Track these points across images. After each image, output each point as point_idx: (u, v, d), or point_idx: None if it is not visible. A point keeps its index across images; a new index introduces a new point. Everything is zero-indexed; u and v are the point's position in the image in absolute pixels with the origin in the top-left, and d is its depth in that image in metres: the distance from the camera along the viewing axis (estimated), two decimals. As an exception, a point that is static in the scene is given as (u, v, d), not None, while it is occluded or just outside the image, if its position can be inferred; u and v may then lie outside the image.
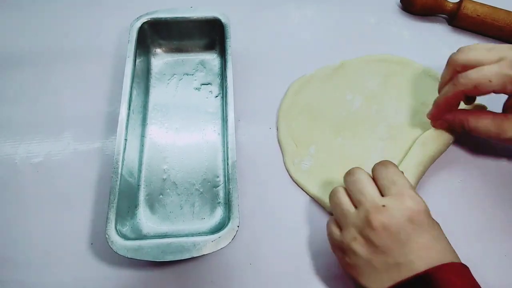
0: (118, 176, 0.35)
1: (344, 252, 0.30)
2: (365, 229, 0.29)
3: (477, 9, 0.50)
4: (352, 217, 0.30)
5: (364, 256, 0.29)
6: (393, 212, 0.29)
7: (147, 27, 0.45)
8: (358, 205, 0.31)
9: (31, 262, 0.36)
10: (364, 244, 0.29)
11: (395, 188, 0.30)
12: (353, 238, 0.30)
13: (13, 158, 0.42)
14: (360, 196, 0.31)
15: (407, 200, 0.29)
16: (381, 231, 0.28)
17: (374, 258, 0.29)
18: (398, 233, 0.28)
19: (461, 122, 0.37)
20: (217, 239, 0.33)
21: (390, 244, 0.28)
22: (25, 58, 0.49)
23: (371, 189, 0.31)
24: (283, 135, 0.43)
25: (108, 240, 0.32)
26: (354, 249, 0.29)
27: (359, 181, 0.32)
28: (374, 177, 0.32)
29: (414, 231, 0.28)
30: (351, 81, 0.47)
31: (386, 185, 0.31)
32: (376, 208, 0.29)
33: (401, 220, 0.28)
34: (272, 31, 0.52)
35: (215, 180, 0.40)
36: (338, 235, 0.31)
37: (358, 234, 0.29)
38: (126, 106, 0.39)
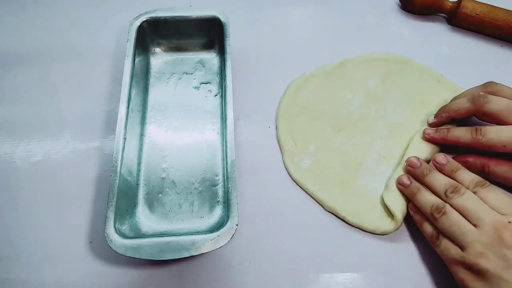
0: (117, 175, 0.35)
1: (469, 268, 0.31)
2: (495, 244, 0.30)
3: (476, 8, 0.50)
4: (474, 234, 0.31)
5: (493, 271, 0.29)
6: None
7: (146, 26, 0.45)
8: (479, 222, 0.32)
9: (30, 260, 0.37)
10: (494, 260, 0.30)
11: (510, 208, 0.32)
12: (480, 254, 0.30)
13: (12, 157, 0.42)
14: (480, 213, 0.32)
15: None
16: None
17: (506, 272, 0.29)
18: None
19: (482, 164, 0.38)
20: (216, 237, 0.33)
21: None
22: (24, 57, 0.49)
23: (488, 207, 0.32)
24: (282, 134, 0.43)
25: (107, 238, 0.32)
26: (483, 265, 0.30)
27: (473, 200, 0.33)
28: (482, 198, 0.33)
29: None
30: (350, 80, 0.47)
31: (500, 205, 0.32)
32: (503, 224, 0.31)
33: None
34: (271, 30, 0.52)
35: (214, 179, 0.40)
36: (457, 251, 0.32)
37: (486, 249, 0.30)
38: (125, 105, 0.39)
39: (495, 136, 0.35)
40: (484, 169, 0.38)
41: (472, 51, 0.51)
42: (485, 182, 0.34)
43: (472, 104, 0.38)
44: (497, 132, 0.35)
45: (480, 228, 0.31)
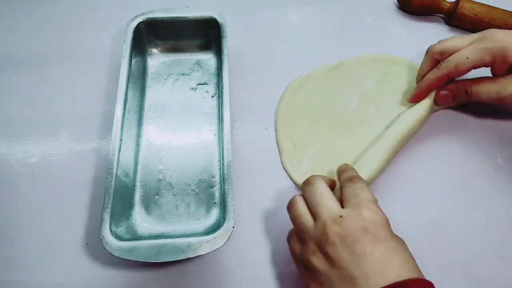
0: (113, 176, 0.35)
1: (305, 267, 0.30)
2: (322, 241, 0.28)
3: (474, 8, 0.50)
4: (311, 231, 0.30)
5: (323, 271, 0.28)
6: (349, 222, 0.28)
7: (143, 27, 0.45)
8: (316, 217, 0.30)
9: (25, 262, 0.36)
10: (323, 258, 0.28)
11: (355, 200, 0.30)
12: (312, 252, 0.29)
13: (8, 158, 0.42)
14: (318, 208, 0.30)
15: (364, 211, 0.29)
16: (337, 243, 0.28)
17: (331, 272, 0.28)
18: (353, 244, 0.27)
19: (464, 87, 0.40)
20: (212, 239, 0.32)
21: (346, 257, 0.27)
22: (20, 58, 0.49)
23: (329, 200, 0.30)
24: (281, 136, 0.43)
25: (103, 241, 0.32)
26: (314, 264, 0.28)
27: (319, 191, 0.31)
28: (341, 188, 0.32)
29: (369, 242, 0.27)
30: (348, 81, 0.47)
31: (348, 198, 0.30)
32: (332, 219, 0.29)
33: (356, 230, 0.28)
34: (268, 31, 0.52)
35: (211, 180, 0.40)
36: (299, 249, 0.31)
37: (317, 247, 0.29)
38: (121, 106, 0.39)
39: (456, 55, 0.38)
40: (467, 91, 0.40)
41: (470, 51, 0.50)
42: (358, 178, 0.32)
43: (427, 54, 0.41)
44: (457, 53, 0.38)
45: (316, 223, 0.30)
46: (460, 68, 0.38)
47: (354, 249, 0.27)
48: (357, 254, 0.27)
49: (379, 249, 0.27)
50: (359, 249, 0.27)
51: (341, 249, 0.27)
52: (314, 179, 0.32)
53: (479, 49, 0.37)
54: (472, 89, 0.39)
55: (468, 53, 0.37)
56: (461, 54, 0.38)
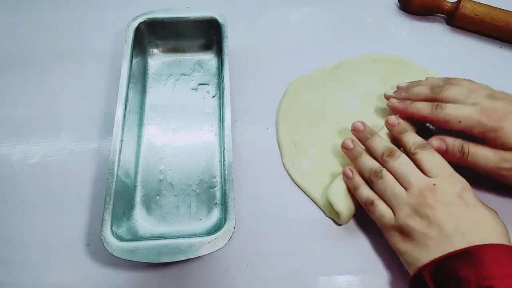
0: (114, 177, 0.35)
1: (400, 230, 0.33)
2: (420, 205, 0.32)
3: (475, 8, 0.50)
4: (404, 197, 0.33)
5: (420, 230, 0.31)
6: (443, 189, 0.32)
7: (143, 27, 0.45)
8: (408, 185, 0.33)
9: (26, 263, 0.36)
10: (420, 220, 0.31)
11: (441, 171, 0.33)
12: (408, 215, 0.32)
13: (9, 158, 0.42)
14: (409, 178, 0.33)
15: (454, 181, 0.33)
16: (435, 206, 0.31)
17: (429, 231, 0.31)
18: (450, 206, 0.31)
19: (461, 145, 0.36)
20: (213, 240, 0.32)
21: (443, 217, 0.31)
22: (21, 58, 0.49)
23: (418, 172, 0.34)
24: (282, 136, 0.43)
25: (104, 241, 0.32)
26: (411, 225, 0.32)
27: (406, 164, 0.34)
28: (416, 160, 0.34)
29: (464, 206, 0.31)
30: (349, 81, 0.47)
31: (431, 167, 0.33)
32: (428, 187, 0.32)
33: (451, 196, 0.32)
34: (269, 31, 0.52)
35: (212, 181, 0.40)
36: (390, 215, 0.33)
37: (413, 211, 0.32)
38: (122, 107, 0.39)
39: (453, 111, 0.36)
40: (464, 149, 0.36)
41: (471, 51, 0.50)
42: (427, 145, 0.35)
43: (430, 91, 0.39)
44: (456, 108, 0.36)
45: (409, 191, 0.33)
46: (448, 125, 0.36)
47: (451, 211, 0.31)
48: (454, 215, 0.31)
49: (473, 212, 0.31)
50: (456, 211, 0.31)
51: (439, 211, 0.31)
52: (396, 152, 0.35)
53: (474, 120, 0.35)
54: (470, 149, 0.36)
55: (462, 117, 0.35)
56: (457, 114, 0.36)
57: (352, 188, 0.37)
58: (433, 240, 0.31)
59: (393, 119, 0.38)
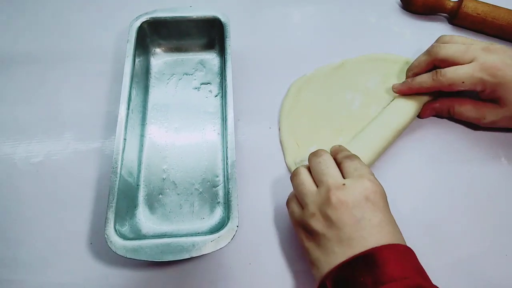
0: (117, 176, 0.35)
1: (304, 229, 0.32)
2: (324, 205, 0.30)
3: (477, 7, 0.50)
4: (313, 195, 0.32)
5: (320, 231, 0.30)
6: (351, 190, 0.30)
7: (146, 27, 0.45)
8: (320, 184, 0.32)
9: (30, 261, 0.36)
10: (322, 220, 0.30)
11: (357, 172, 0.32)
12: (312, 214, 0.31)
13: (12, 158, 0.42)
14: (323, 176, 0.32)
15: (366, 181, 0.31)
16: (339, 207, 0.30)
17: (329, 232, 0.30)
18: (353, 208, 0.30)
19: (447, 107, 0.42)
20: (216, 239, 0.32)
21: (345, 219, 0.29)
22: (25, 58, 0.49)
23: (334, 170, 0.33)
24: (285, 135, 0.43)
25: (107, 240, 0.32)
26: (313, 225, 0.31)
27: (324, 162, 0.33)
28: (338, 164, 0.34)
29: (369, 209, 0.30)
30: (351, 80, 0.47)
31: (349, 170, 0.32)
32: (336, 186, 0.31)
33: (358, 197, 0.30)
34: (271, 30, 0.52)
35: (214, 179, 0.40)
36: (299, 212, 0.33)
37: (317, 210, 0.31)
38: (125, 106, 0.39)
39: (454, 74, 0.38)
40: (450, 110, 0.42)
41: (474, 51, 0.50)
42: (355, 156, 0.34)
43: (428, 55, 0.42)
44: (455, 71, 0.38)
45: (318, 189, 0.32)
46: (453, 88, 0.39)
47: (354, 213, 0.29)
48: (356, 218, 0.29)
49: (377, 216, 0.30)
50: (359, 214, 0.29)
51: (341, 213, 0.30)
52: (321, 152, 0.35)
53: (476, 78, 0.38)
54: (455, 110, 0.42)
55: (464, 77, 0.38)
56: (458, 76, 0.38)
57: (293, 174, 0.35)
58: (333, 242, 0.29)
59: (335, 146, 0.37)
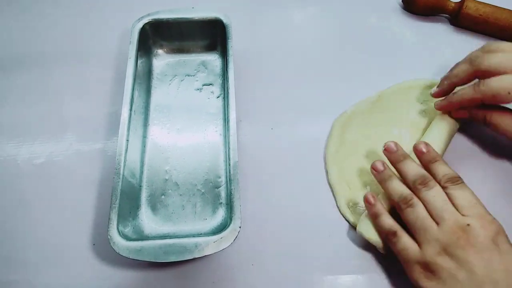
0: (120, 177, 0.35)
1: (425, 267, 0.31)
2: (451, 245, 0.30)
3: (479, 8, 0.50)
4: (435, 232, 0.31)
5: (449, 270, 0.30)
6: (478, 231, 0.30)
7: (148, 28, 0.45)
8: (441, 221, 0.31)
9: (33, 262, 0.37)
10: (449, 260, 0.30)
11: (475, 210, 0.31)
12: (438, 252, 0.30)
13: (15, 159, 0.42)
14: (443, 213, 0.31)
15: (489, 222, 0.31)
16: (468, 249, 0.29)
17: (459, 273, 0.29)
18: (483, 252, 0.29)
19: (483, 115, 0.37)
20: (219, 239, 0.33)
21: (476, 262, 0.29)
22: (27, 59, 0.49)
23: (452, 207, 0.32)
24: (334, 179, 0.41)
25: (110, 241, 0.32)
26: (439, 263, 0.30)
27: (439, 196, 0.32)
28: (448, 195, 0.33)
29: (497, 253, 0.29)
30: (392, 114, 0.45)
31: (464, 205, 0.31)
32: (461, 226, 0.30)
33: (486, 240, 0.30)
34: (273, 32, 0.52)
35: (217, 180, 0.40)
36: (417, 250, 0.32)
37: (442, 249, 0.30)
38: (128, 107, 0.39)
39: (497, 84, 0.34)
40: (486, 119, 0.37)
41: (475, 51, 0.50)
42: (459, 179, 0.33)
43: (470, 65, 0.37)
44: (499, 80, 0.34)
45: (440, 226, 0.31)
46: (497, 99, 0.35)
47: (484, 256, 0.29)
48: (487, 261, 0.29)
49: (507, 260, 0.29)
50: (489, 257, 0.29)
51: (471, 254, 0.29)
52: (432, 183, 0.33)
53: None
54: (492, 119, 0.37)
55: (510, 88, 0.34)
56: (503, 86, 0.34)
57: (373, 216, 0.35)
58: (461, 284, 0.29)
59: (422, 146, 0.36)
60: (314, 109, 0.45)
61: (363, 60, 0.49)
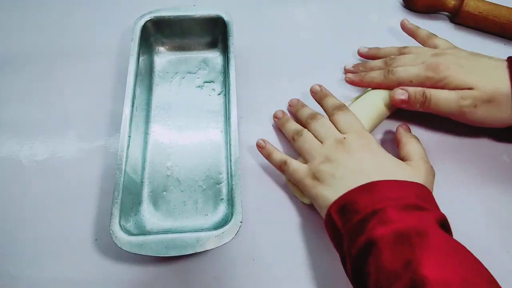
0: (122, 172, 0.36)
1: (312, 176, 0.36)
2: (331, 154, 0.36)
3: (479, 6, 0.50)
4: (319, 148, 0.37)
5: (329, 171, 0.35)
6: (352, 141, 0.36)
7: (150, 25, 0.46)
8: (324, 140, 0.37)
9: (35, 258, 0.37)
10: (330, 165, 0.35)
11: (353, 127, 0.37)
12: (321, 161, 0.36)
13: (18, 155, 0.42)
14: (326, 134, 0.38)
15: (362, 134, 0.37)
16: (343, 154, 0.35)
17: (337, 172, 0.34)
18: (355, 153, 0.35)
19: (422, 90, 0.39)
20: (220, 234, 0.33)
21: (350, 161, 0.35)
22: (29, 57, 0.49)
23: (334, 129, 0.38)
24: None
25: (112, 235, 0.33)
26: (322, 169, 0.35)
27: (324, 124, 0.39)
28: (333, 120, 0.39)
29: (368, 152, 0.35)
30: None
31: (345, 125, 0.38)
32: (339, 139, 0.37)
33: (358, 146, 0.36)
34: (274, 29, 0.52)
35: (218, 176, 0.40)
36: (305, 167, 0.37)
37: (325, 158, 0.36)
38: (129, 104, 0.39)
39: (403, 73, 0.40)
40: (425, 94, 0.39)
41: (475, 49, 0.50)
42: (343, 106, 0.39)
43: (384, 64, 0.43)
44: (405, 70, 0.41)
45: (324, 144, 0.37)
46: (402, 85, 0.41)
47: (356, 155, 0.35)
48: (359, 159, 0.35)
49: (376, 157, 0.35)
50: (361, 156, 0.35)
51: (346, 156, 0.35)
52: (319, 116, 0.40)
53: (422, 77, 0.39)
54: (431, 92, 0.39)
55: (412, 76, 0.40)
56: (407, 75, 0.40)
57: (266, 156, 0.40)
58: (339, 179, 0.34)
59: (316, 87, 0.42)
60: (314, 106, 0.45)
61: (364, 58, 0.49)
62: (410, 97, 0.39)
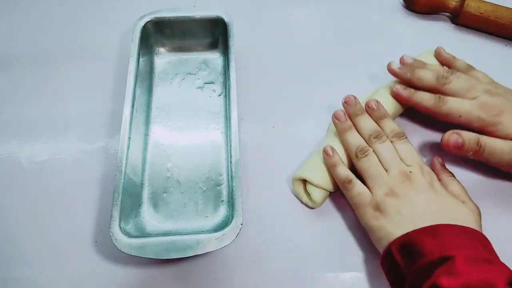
0: (122, 174, 0.36)
1: (376, 207, 0.35)
2: (397, 187, 0.35)
3: (480, 7, 0.50)
4: (385, 178, 0.36)
5: (395, 207, 0.34)
6: (418, 177, 0.35)
7: (150, 26, 0.46)
8: (389, 168, 0.36)
9: (35, 260, 0.37)
10: (396, 199, 0.34)
11: (415, 161, 0.37)
12: (386, 193, 0.35)
13: (17, 156, 0.42)
14: (392, 162, 0.36)
15: (426, 170, 0.36)
16: (410, 190, 0.35)
17: (403, 208, 0.34)
18: (423, 192, 0.34)
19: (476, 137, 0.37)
20: (220, 236, 0.33)
21: (417, 200, 0.34)
22: (29, 58, 0.49)
23: (398, 157, 0.37)
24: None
25: (112, 237, 0.32)
26: (387, 202, 0.34)
27: (389, 149, 0.37)
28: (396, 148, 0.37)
29: (434, 192, 0.35)
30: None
31: (407, 157, 0.37)
32: (405, 172, 0.36)
33: (424, 183, 0.35)
34: (275, 30, 0.52)
35: (218, 178, 0.40)
36: (369, 193, 0.36)
37: (390, 190, 0.35)
38: (129, 105, 0.39)
39: (455, 106, 0.38)
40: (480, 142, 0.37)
41: (476, 50, 0.50)
42: (403, 135, 0.38)
43: (436, 81, 0.40)
44: (457, 103, 0.39)
45: (389, 173, 0.36)
46: (448, 118, 0.39)
47: (423, 195, 0.34)
48: (425, 199, 0.34)
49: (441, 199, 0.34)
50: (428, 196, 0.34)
51: (413, 194, 0.34)
52: (384, 137, 0.38)
53: (473, 115, 0.38)
54: (486, 141, 0.37)
55: (462, 113, 0.38)
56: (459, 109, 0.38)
57: (331, 166, 0.38)
58: (404, 217, 0.33)
59: (373, 104, 0.40)
60: (315, 107, 0.45)
61: (365, 58, 0.49)
62: (464, 144, 0.37)
